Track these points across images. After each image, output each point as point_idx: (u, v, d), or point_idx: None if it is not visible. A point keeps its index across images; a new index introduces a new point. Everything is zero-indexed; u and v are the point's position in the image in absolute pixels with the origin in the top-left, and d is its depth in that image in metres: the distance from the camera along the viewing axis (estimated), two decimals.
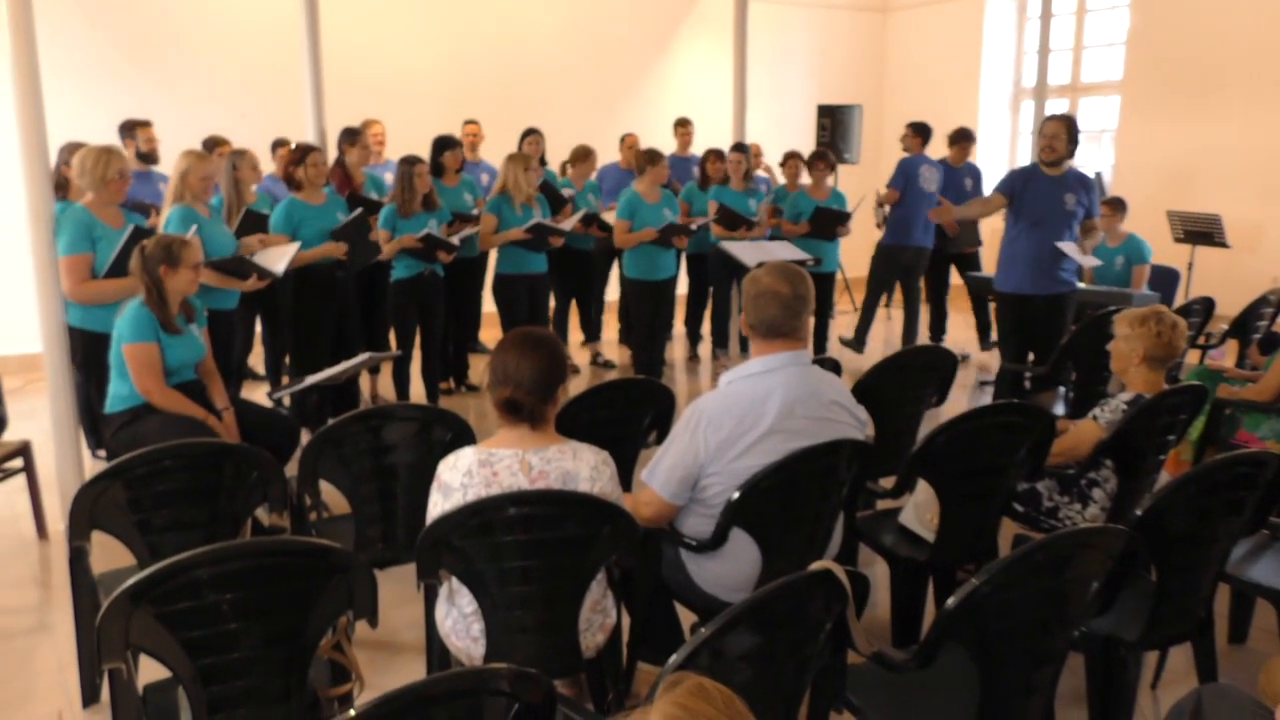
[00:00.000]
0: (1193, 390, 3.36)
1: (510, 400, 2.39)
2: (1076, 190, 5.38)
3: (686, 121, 8.42)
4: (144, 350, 3.74)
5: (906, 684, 2.26)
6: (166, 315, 3.77)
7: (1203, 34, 8.57)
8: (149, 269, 3.73)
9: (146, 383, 3.75)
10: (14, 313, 6.39)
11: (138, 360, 3.74)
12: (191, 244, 3.83)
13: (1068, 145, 5.30)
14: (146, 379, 3.75)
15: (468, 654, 2.44)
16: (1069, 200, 5.36)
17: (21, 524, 4.46)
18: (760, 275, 2.72)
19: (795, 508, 2.67)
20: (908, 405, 3.98)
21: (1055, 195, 5.37)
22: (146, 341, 3.74)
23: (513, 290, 6.34)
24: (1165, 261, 7.03)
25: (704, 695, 1.15)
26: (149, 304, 3.75)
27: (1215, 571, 2.67)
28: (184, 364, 3.90)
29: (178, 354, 3.83)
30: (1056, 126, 5.32)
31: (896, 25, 11.55)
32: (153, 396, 3.76)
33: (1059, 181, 5.37)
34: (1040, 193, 5.39)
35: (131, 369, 3.75)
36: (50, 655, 3.41)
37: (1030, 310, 5.48)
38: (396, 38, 8.66)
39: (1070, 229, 5.39)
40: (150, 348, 3.74)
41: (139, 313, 3.75)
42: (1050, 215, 5.38)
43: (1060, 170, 5.38)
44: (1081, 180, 5.44)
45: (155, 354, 3.75)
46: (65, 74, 6.68)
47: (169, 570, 1.93)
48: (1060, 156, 5.32)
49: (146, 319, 3.74)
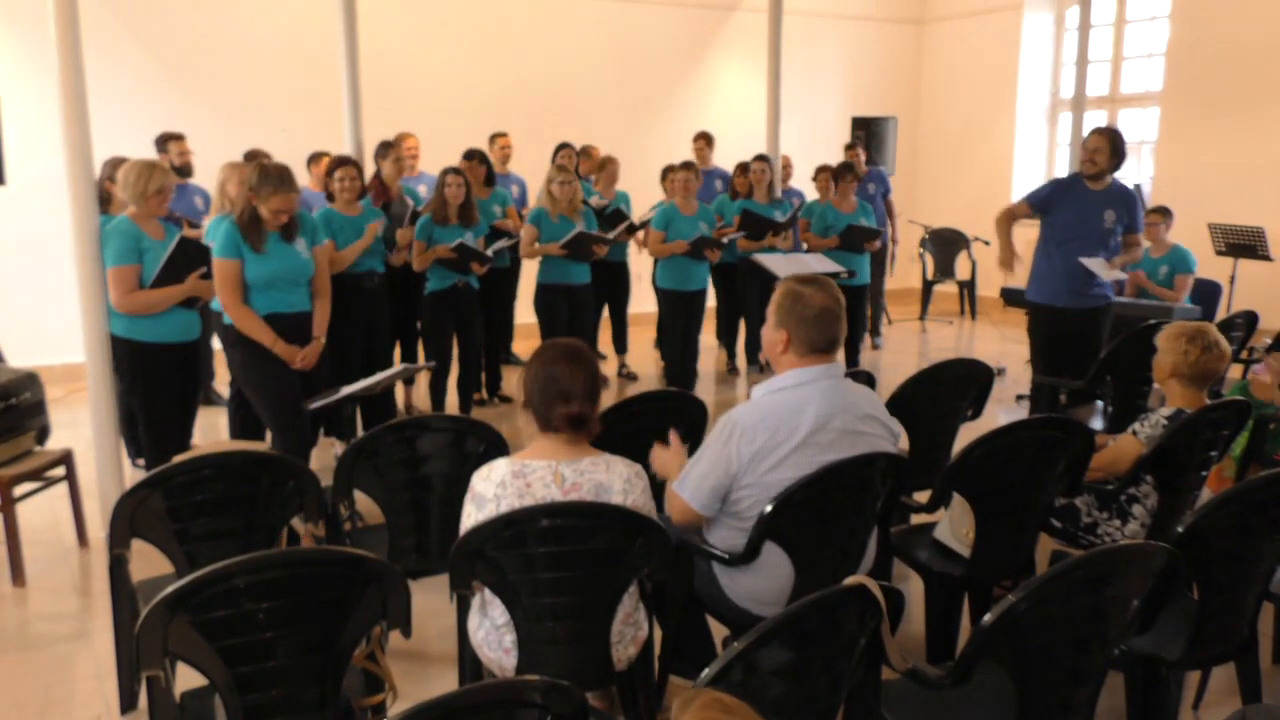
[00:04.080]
0: (1236, 405, 3.30)
1: (578, 415, 2.42)
2: (1118, 206, 5.24)
3: (704, 135, 8.34)
4: (222, 266, 4.10)
5: (942, 701, 2.23)
6: (255, 229, 4.09)
7: (1243, 45, 8.45)
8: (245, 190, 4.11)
9: (223, 297, 4.11)
10: (58, 323, 6.51)
11: (217, 274, 4.12)
12: (279, 190, 4.07)
13: (1110, 159, 5.18)
14: (223, 293, 4.11)
15: (499, 665, 2.44)
16: (1109, 217, 5.22)
17: (63, 531, 4.53)
18: (797, 288, 2.70)
19: (829, 522, 2.65)
20: (943, 419, 3.95)
21: (1095, 211, 5.24)
22: (226, 257, 4.09)
23: (553, 300, 6.34)
24: (1207, 275, 6.93)
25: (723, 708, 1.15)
26: (238, 220, 4.09)
27: (1259, 590, 2.61)
28: (277, 276, 4.17)
29: (263, 268, 4.13)
30: (1099, 140, 5.20)
31: (932, 36, 11.50)
32: (228, 310, 4.12)
33: (1100, 196, 5.24)
34: (1079, 206, 5.28)
35: (215, 284, 4.12)
36: (89, 662, 3.45)
37: (1063, 323, 5.36)
38: (433, 52, 8.75)
39: (1106, 245, 5.25)
40: (229, 264, 4.09)
41: (226, 229, 4.09)
42: (1088, 230, 5.24)
43: (1103, 184, 5.25)
44: (1124, 196, 5.30)
45: (234, 270, 4.08)
46: (109, 89, 6.82)
47: (207, 579, 1.95)
48: (1102, 170, 5.20)
49: (227, 232, 4.08)
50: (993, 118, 10.77)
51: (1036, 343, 5.59)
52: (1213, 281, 6.94)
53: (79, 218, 4.20)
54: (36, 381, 4.37)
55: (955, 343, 9.27)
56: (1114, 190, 5.28)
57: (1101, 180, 5.24)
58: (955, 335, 9.68)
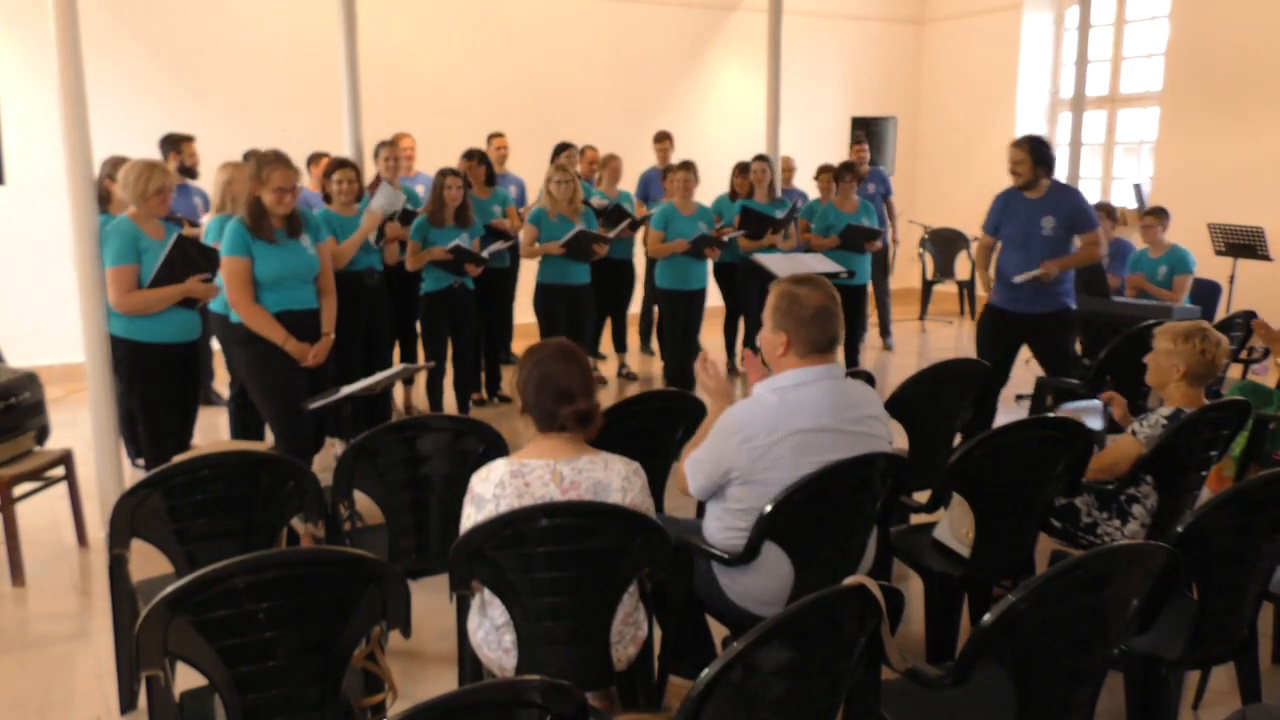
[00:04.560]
0: (1236, 405, 3.30)
1: (585, 412, 2.44)
2: (1056, 211, 5.13)
3: (666, 135, 8.31)
4: (232, 263, 4.05)
5: (941, 701, 2.23)
6: (262, 223, 4.05)
7: (1243, 45, 8.45)
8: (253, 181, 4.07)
9: (233, 295, 4.06)
10: (57, 323, 6.51)
11: (227, 272, 4.09)
12: (278, 167, 4.06)
13: (1034, 169, 5.11)
14: (233, 291, 4.06)
15: (499, 665, 2.44)
16: (1047, 224, 5.13)
17: (62, 531, 4.53)
18: (792, 289, 2.69)
19: (828, 521, 2.65)
20: (942, 418, 3.95)
21: (1033, 220, 5.17)
22: (236, 255, 4.04)
23: (553, 300, 6.34)
24: (1207, 274, 6.93)
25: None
26: (245, 215, 4.06)
27: (1259, 590, 2.62)
28: (286, 273, 4.14)
29: (273, 265, 4.09)
30: (1017, 152, 5.15)
31: (932, 37, 11.50)
32: (239, 309, 4.07)
33: (1037, 205, 5.17)
34: (1019, 219, 5.24)
35: (224, 281, 4.06)
36: (89, 662, 3.45)
37: (1016, 327, 5.31)
38: (432, 52, 8.75)
39: (1049, 252, 5.13)
40: (239, 262, 4.03)
41: (234, 227, 4.05)
42: (1029, 241, 5.18)
43: (1039, 192, 5.17)
44: (1063, 199, 5.18)
45: (244, 268, 4.04)
46: (109, 89, 6.82)
47: (207, 579, 1.95)
48: (1028, 180, 5.14)
49: (236, 230, 4.04)
50: (992, 118, 10.76)
51: (979, 340, 5.59)
52: (1212, 281, 6.94)
53: (78, 217, 4.20)
54: (36, 381, 4.37)
55: (955, 342, 9.27)
56: (1051, 195, 5.18)
57: (1036, 188, 5.17)
58: (955, 335, 9.67)
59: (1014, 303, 5.28)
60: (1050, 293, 5.18)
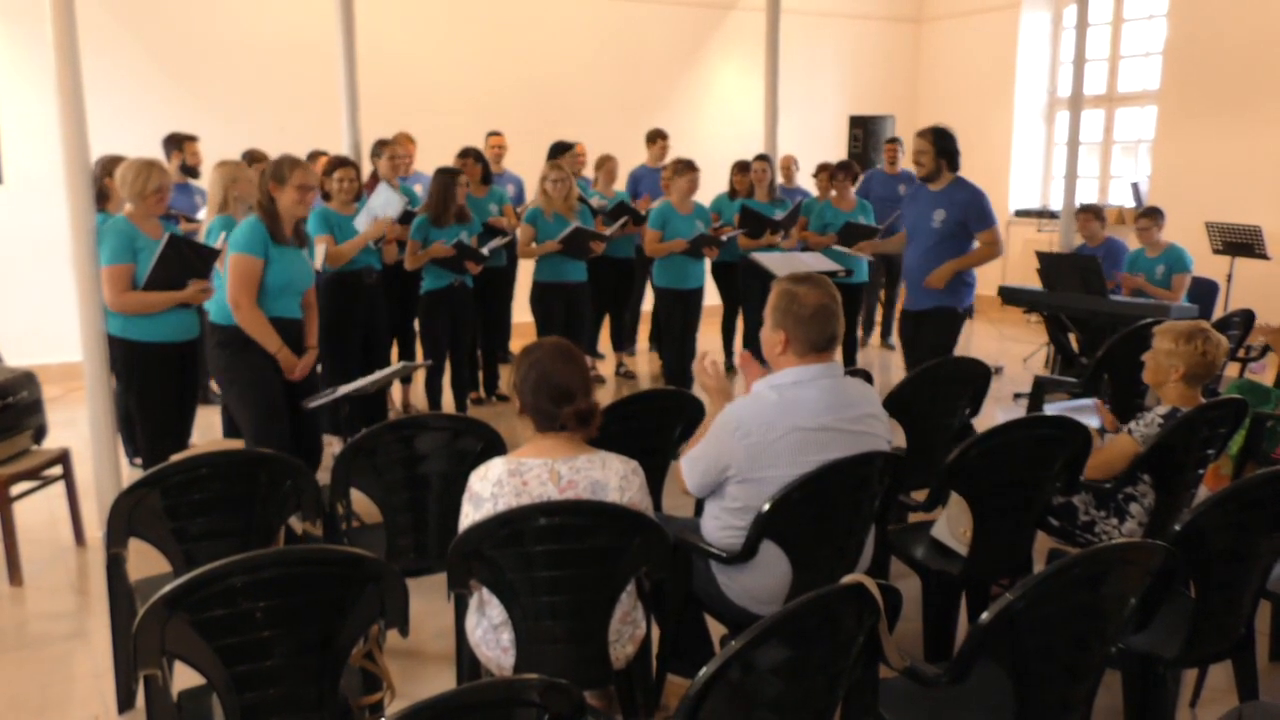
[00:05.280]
0: (1233, 404, 3.30)
1: (586, 411, 2.44)
2: (950, 206, 5.08)
3: (662, 135, 8.24)
4: (247, 262, 3.93)
5: (939, 699, 2.24)
6: (277, 227, 3.98)
7: (1241, 44, 8.46)
8: (263, 185, 4.00)
9: (238, 294, 3.93)
10: (55, 322, 6.51)
11: (238, 270, 3.92)
12: (303, 167, 4.04)
13: (937, 159, 5.07)
14: (240, 291, 3.93)
15: (497, 664, 2.44)
16: (937, 216, 5.09)
17: (60, 531, 4.53)
18: (791, 288, 2.70)
19: (826, 520, 2.65)
20: (940, 417, 3.95)
21: (926, 211, 5.15)
22: (253, 254, 3.94)
23: (549, 299, 6.34)
24: (1204, 273, 6.93)
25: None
26: (262, 218, 3.98)
27: (1256, 588, 2.62)
28: (290, 283, 4.08)
29: (284, 271, 4.02)
30: (921, 142, 5.10)
31: (930, 36, 11.50)
32: (239, 310, 3.95)
33: (934, 197, 5.14)
34: (916, 207, 5.24)
35: (230, 278, 3.93)
36: (86, 661, 3.45)
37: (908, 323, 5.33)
38: (430, 50, 8.74)
39: (934, 244, 5.11)
40: (254, 261, 3.95)
41: (254, 225, 3.98)
42: (918, 230, 5.19)
43: (940, 184, 5.13)
44: (960, 195, 5.11)
45: (256, 269, 3.95)
46: (106, 88, 6.81)
47: (204, 578, 1.95)
48: (930, 171, 5.11)
49: (259, 232, 3.97)
50: (990, 116, 10.77)
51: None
52: (1210, 280, 6.94)
53: (76, 217, 4.19)
54: (34, 380, 4.36)
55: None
56: (949, 189, 5.13)
57: (939, 180, 5.13)
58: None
59: (909, 300, 5.31)
60: (929, 290, 5.15)
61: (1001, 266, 10.44)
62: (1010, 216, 10.68)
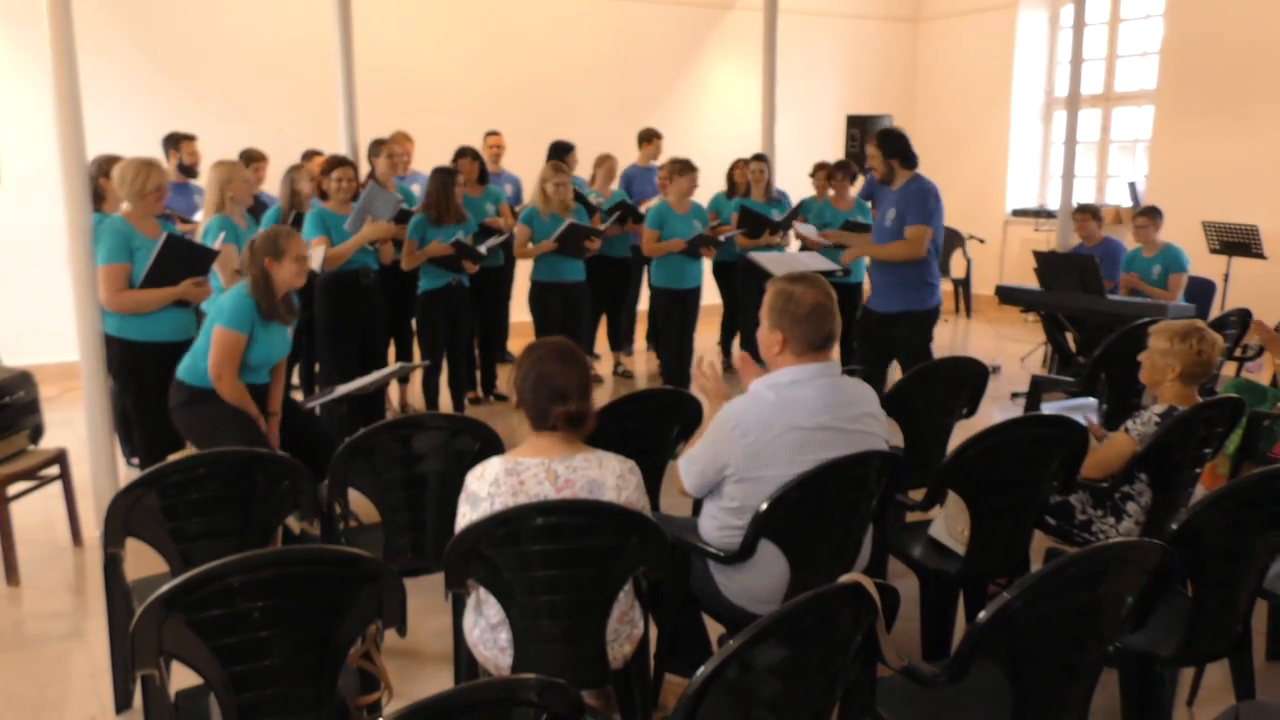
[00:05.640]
0: (1230, 403, 3.31)
1: (576, 413, 2.43)
2: (900, 204, 5.15)
3: (655, 134, 8.20)
4: (232, 338, 3.79)
5: (937, 699, 2.24)
6: (272, 304, 3.84)
7: (1238, 44, 8.47)
8: (255, 260, 3.81)
9: (221, 368, 3.80)
10: (51, 322, 6.50)
11: (222, 345, 3.78)
12: (296, 235, 3.92)
13: (887, 161, 5.13)
14: (223, 365, 3.80)
15: (495, 664, 2.44)
16: (890, 215, 5.18)
17: (57, 531, 4.53)
18: (787, 288, 2.70)
19: (824, 519, 2.66)
20: (938, 416, 3.95)
21: (884, 211, 5.26)
22: (239, 330, 3.79)
23: (547, 298, 6.34)
24: (1201, 273, 6.94)
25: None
26: (254, 293, 3.82)
27: (1253, 587, 2.62)
28: (268, 360, 3.97)
29: (265, 349, 3.90)
30: (870, 147, 5.22)
31: (927, 35, 11.51)
32: (221, 384, 3.81)
33: (891, 196, 5.22)
34: (880, 209, 5.37)
35: (214, 350, 3.79)
36: (84, 661, 3.45)
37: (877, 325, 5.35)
38: (428, 50, 8.74)
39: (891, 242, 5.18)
40: (239, 338, 3.80)
41: (243, 300, 3.81)
42: (877, 231, 5.32)
43: (897, 184, 5.18)
44: (909, 192, 5.13)
45: (240, 345, 3.81)
46: (104, 87, 6.80)
47: (202, 577, 1.94)
48: (883, 174, 5.19)
49: (249, 308, 3.81)
50: (988, 116, 10.78)
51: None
52: (1206, 279, 6.95)
53: (73, 216, 4.19)
54: (30, 380, 4.36)
55: (950, 340, 9.28)
56: (905, 187, 5.17)
57: (895, 180, 5.19)
58: (950, 333, 9.68)
59: (873, 301, 5.36)
60: (894, 294, 5.19)
61: (999, 266, 10.47)
62: (1007, 216, 10.70)
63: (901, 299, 5.20)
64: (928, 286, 5.23)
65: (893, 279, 5.22)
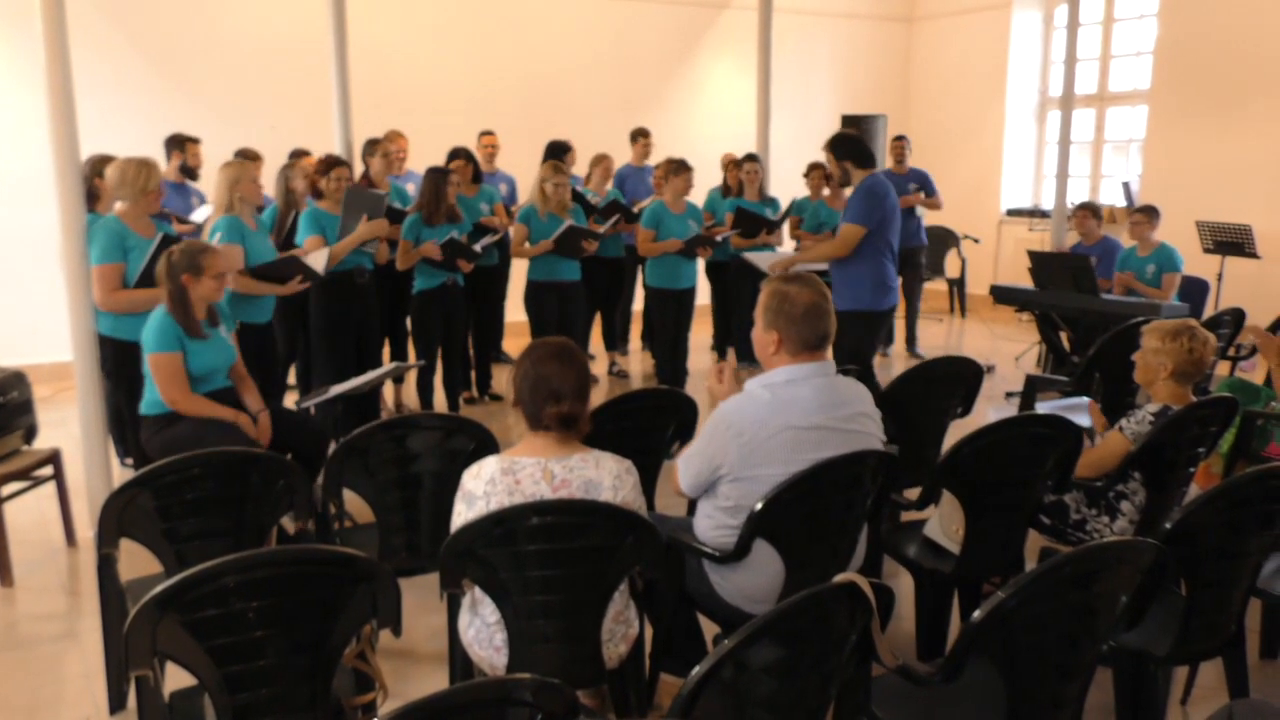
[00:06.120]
0: (1223, 402, 3.32)
1: (568, 415, 2.42)
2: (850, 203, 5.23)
3: (644, 133, 8.24)
4: (167, 360, 3.76)
5: (931, 698, 2.24)
6: (189, 321, 3.79)
7: (1231, 44, 8.49)
8: (173, 276, 3.77)
9: (171, 392, 3.77)
10: (45, 322, 6.48)
11: (161, 371, 3.77)
12: (216, 252, 3.87)
13: (838, 164, 5.18)
14: (171, 389, 3.77)
15: (490, 664, 2.44)
16: (845, 216, 5.25)
17: (51, 531, 4.51)
18: (782, 288, 2.70)
19: (819, 519, 2.66)
20: (932, 416, 3.96)
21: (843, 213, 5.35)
22: (170, 351, 3.76)
23: (542, 298, 6.34)
24: (1195, 272, 6.95)
25: None
26: (172, 311, 3.78)
27: (1246, 586, 2.63)
28: (213, 369, 3.92)
29: (205, 359, 3.86)
30: (825, 154, 5.29)
31: (922, 35, 11.52)
32: (178, 405, 3.78)
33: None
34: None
35: (156, 380, 3.78)
36: (77, 662, 3.44)
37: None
38: (422, 49, 8.72)
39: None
40: (173, 357, 3.76)
41: (162, 321, 3.78)
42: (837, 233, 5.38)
43: (854, 185, 5.24)
44: (859, 191, 5.17)
45: (178, 363, 3.77)
46: (98, 87, 6.78)
47: (196, 578, 1.94)
48: (840, 178, 5.28)
49: (169, 327, 3.77)
50: (982, 116, 10.80)
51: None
52: (1200, 279, 6.96)
53: (66, 216, 4.18)
54: (24, 380, 4.34)
55: (945, 340, 9.30)
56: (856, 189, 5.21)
57: (852, 182, 5.24)
58: (945, 333, 9.70)
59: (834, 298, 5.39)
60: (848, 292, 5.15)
61: (993, 266, 10.49)
62: (1002, 216, 10.71)
63: (852, 298, 5.13)
64: (883, 288, 5.19)
65: (843, 276, 5.21)
